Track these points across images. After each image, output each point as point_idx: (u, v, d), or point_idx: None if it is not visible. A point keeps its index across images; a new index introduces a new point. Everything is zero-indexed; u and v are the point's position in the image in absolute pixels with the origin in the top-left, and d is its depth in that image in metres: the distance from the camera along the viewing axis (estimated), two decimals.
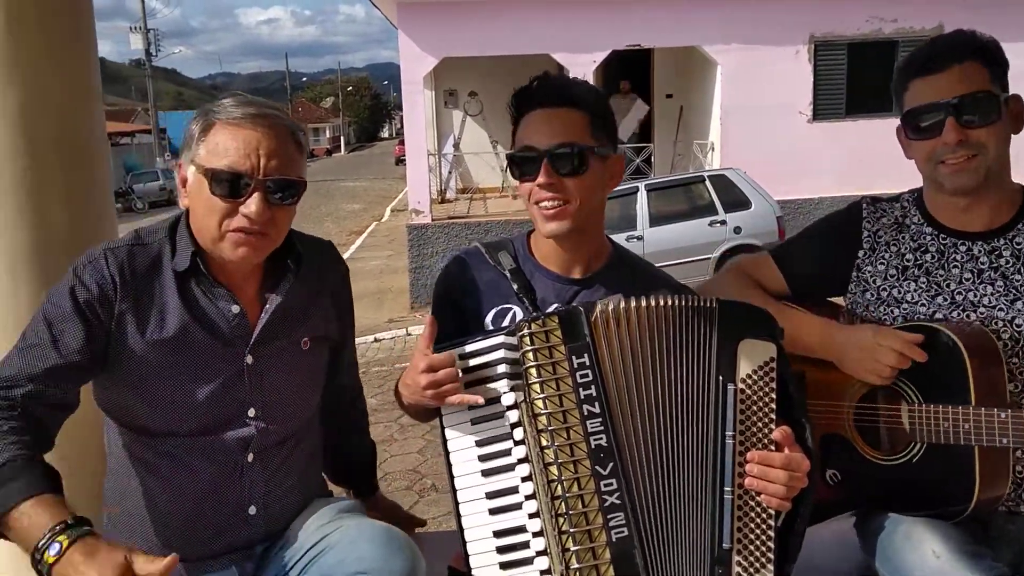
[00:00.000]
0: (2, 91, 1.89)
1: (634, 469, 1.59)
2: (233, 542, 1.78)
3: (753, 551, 1.58)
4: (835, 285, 2.05)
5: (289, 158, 1.69)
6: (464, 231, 14.31)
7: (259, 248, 1.70)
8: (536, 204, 1.79)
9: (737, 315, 1.63)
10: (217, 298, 1.74)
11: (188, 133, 1.70)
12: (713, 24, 14.41)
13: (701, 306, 1.62)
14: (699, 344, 1.61)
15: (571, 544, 1.56)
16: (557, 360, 1.60)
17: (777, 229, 11.58)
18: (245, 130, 1.65)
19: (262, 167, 1.64)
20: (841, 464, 1.95)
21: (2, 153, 1.90)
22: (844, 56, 15.08)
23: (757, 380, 1.60)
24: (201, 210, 1.68)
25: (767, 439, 1.59)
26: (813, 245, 2.09)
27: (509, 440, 1.64)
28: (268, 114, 1.68)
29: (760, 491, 1.58)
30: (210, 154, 1.65)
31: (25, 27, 1.90)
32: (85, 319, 1.62)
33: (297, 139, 1.72)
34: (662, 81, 17.22)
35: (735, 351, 1.61)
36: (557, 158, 1.74)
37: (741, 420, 1.60)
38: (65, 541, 1.38)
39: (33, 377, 1.56)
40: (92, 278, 1.64)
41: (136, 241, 1.72)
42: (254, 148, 1.64)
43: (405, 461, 6.74)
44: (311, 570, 1.74)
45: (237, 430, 1.75)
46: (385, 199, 30.09)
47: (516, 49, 14.31)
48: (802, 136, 14.90)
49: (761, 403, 1.60)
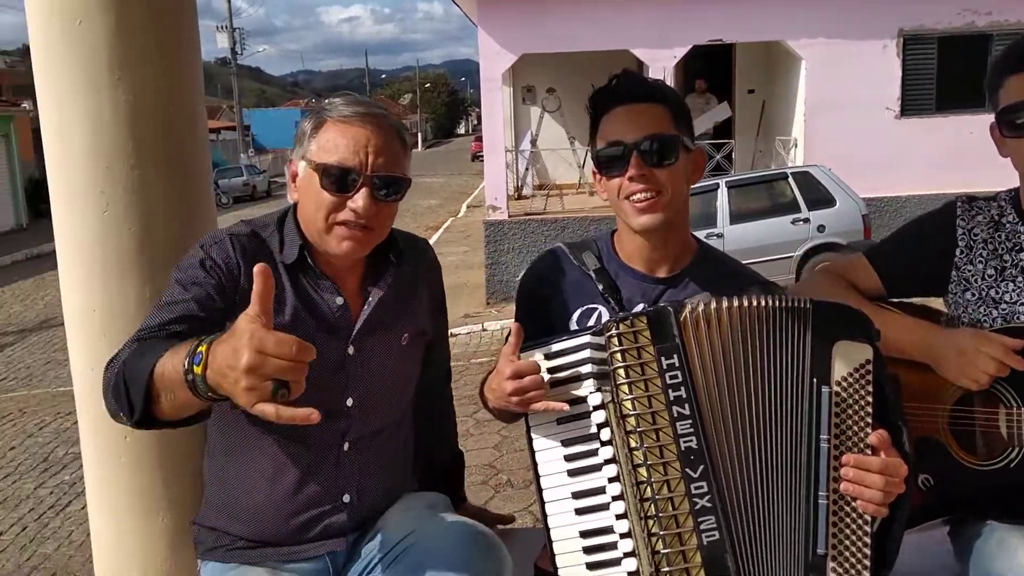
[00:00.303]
0: (111, 93, 1.94)
1: (724, 472, 1.56)
2: (327, 528, 1.81)
3: (848, 557, 1.54)
4: (932, 285, 1.99)
5: (395, 156, 1.74)
6: (540, 227, 14.32)
7: (364, 243, 1.74)
8: (627, 199, 1.77)
9: (832, 316, 1.59)
10: (323, 290, 1.79)
11: (300, 130, 1.77)
12: (797, 18, 14.14)
13: (795, 306, 1.58)
14: (793, 345, 1.57)
15: (661, 547, 1.54)
16: (646, 361, 1.58)
17: (863, 228, 11.30)
18: (355, 128, 1.70)
19: (370, 164, 1.69)
20: (935, 469, 1.90)
21: (112, 154, 1.96)
22: (934, 50, 14.64)
23: (853, 383, 1.56)
24: (310, 203, 1.73)
25: (863, 443, 1.55)
26: (908, 244, 2.04)
27: (595, 440, 1.63)
28: (376, 113, 1.73)
29: (856, 496, 1.54)
30: (321, 150, 1.71)
31: (134, 29, 1.95)
32: (216, 284, 1.68)
33: (402, 138, 1.77)
34: (744, 76, 16.97)
35: (830, 353, 1.57)
36: (646, 150, 1.73)
37: (836, 423, 1.56)
38: (203, 347, 1.33)
39: (174, 321, 1.62)
40: (219, 256, 1.71)
41: (253, 232, 1.78)
42: (363, 145, 1.69)
43: (481, 456, 6.78)
44: (399, 563, 1.76)
45: (336, 418, 1.79)
46: (461, 195, 30.28)
47: (595, 45, 14.25)
48: (889, 132, 14.51)
49: (857, 406, 1.56)
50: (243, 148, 44.93)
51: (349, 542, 1.85)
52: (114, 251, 1.99)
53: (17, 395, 10.17)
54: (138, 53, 1.96)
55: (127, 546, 2.12)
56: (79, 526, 6.17)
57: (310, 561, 1.82)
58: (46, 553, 5.82)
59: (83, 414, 2.12)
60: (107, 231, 1.99)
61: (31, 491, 6.94)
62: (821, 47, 14.29)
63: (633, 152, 1.73)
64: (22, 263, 21.01)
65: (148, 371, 1.42)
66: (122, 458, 2.07)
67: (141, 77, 1.97)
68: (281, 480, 1.78)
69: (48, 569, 5.61)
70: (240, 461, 1.80)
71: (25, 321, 14.62)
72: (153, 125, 2.00)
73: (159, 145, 2.02)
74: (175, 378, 1.37)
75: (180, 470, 2.05)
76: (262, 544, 1.80)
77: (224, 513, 1.82)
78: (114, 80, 1.94)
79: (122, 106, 1.96)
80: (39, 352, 12.37)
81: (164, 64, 2.02)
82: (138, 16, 1.96)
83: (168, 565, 2.12)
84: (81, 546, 5.86)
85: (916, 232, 2.04)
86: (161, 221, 2.03)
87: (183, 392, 1.37)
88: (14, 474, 7.35)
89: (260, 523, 1.79)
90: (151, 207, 2.01)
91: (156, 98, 2.00)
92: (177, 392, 1.39)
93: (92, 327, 2.02)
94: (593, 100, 1.83)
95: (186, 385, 1.35)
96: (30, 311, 15.42)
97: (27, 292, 17.29)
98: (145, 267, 2.01)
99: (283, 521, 1.79)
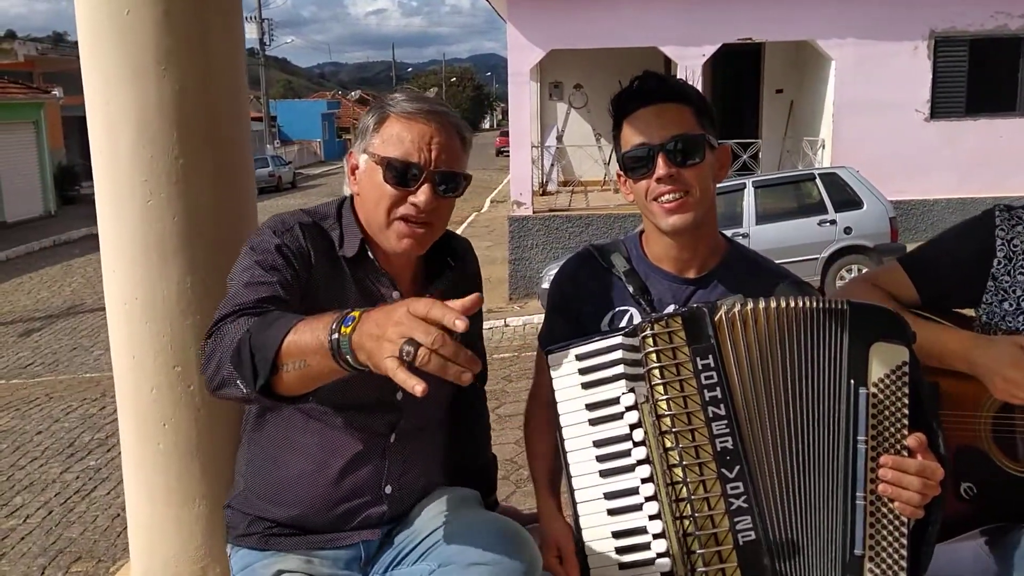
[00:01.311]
0: (158, 83, 1.96)
1: (760, 472, 1.56)
2: (367, 518, 1.83)
3: (885, 558, 1.54)
4: (968, 294, 1.97)
5: (456, 152, 1.76)
6: (565, 224, 14.31)
7: (422, 240, 1.76)
8: (655, 200, 1.76)
9: (869, 317, 1.59)
10: (381, 284, 1.81)
11: (363, 125, 1.79)
12: (828, 18, 14.05)
13: (832, 308, 1.58)
14: (830, 347, 1.57)
15: (697, 547, 1.54)
16: (681, 361, 1.57)
17: (890, 230, 11.21)
18: (419, 124, 1.72)
19: (432, 159, 1.71)
20: (977, 477, 1.88)
21: (157, 143, 1.98)
22: (966, 52, 14.51)
23: (890, 384, 1.56)
24: (372, 197, 1.75)
25: (900, 444, 1.55)
26: (945, 253, 2.01)
27: (628, 441, 1.62)
28: (439, 110, 1.75)
29: (894, 497, 1.54)
30: (384, 143, 1.73)
31: (180, 18, 1.97)
32: (293, 272, 1.69)
33: (463, 135, 1.79)
34: (772, 76, 16.86)
35: (867, 355, 1.56)
36: (672, 150, 1.73)
37: (873, 425, 1.55)
38: (357, 313, 1.34)
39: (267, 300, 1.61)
40: (293, 244, 1.72)
41: (315, 223, 1.79)
42: (427, 141, 1.71)
43: (502, 451, 6.79)
44: (430, 556, 1.78)
45: (386, 410, 1.81)
46: (485, 190, 30.29)
47: (624, 42, 14.21)
48: (918, 135, 14.40)
49: (894, 408, 1.56)
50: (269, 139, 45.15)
51: (383, 532, 1.87)
52: (156, 239, 2.02)
53: (44, 380, 10.29)
54: (184, 43, 1.98)
55: (163, 530, 2.15)
56: (104, 511, 6.24)
57: (344, 548, 1.84)
58: (71, 537, 5.89)
59: (123, 399, 2.14)
60: (150, 220, 2.01)
61: (57, 475, 7.02)
62: (851, 47, 14.19)
63: (659, 153, 1.73)
64: (50, 249, 21.23)
65: (280, 339, 1.42)
66: (160, 444, 2.09)
67: (186, 67, 1.99)
68: (329, 468, 1.80)
69: (73, 553, 5.67)
70: (290, 449, 1.82)
71: (52, 307, 14.78)
72: (197, 115, 2.02)
73: (203, 135, 2.04)
74: (313, 344, 1.37)
75: (218, 457, 2.07)
76: (301, 530, 1.82)
77: (266, 498, 1.84)
78: (160, 70, 1.97)
79: (167, 96, 1.98)
80: (66, 338, 12.51)
81: (209, 53, 2.04)
82: (184, 5, 1.98)
83: (203, 551, 2.14)
84: (106, 531, 5.92)
85: (953, 241, 2.02)
86: (204, 210, 2.05)
87: (318, 358, 1.37)
88: (40, 458, 7.43)
89: (303, 509, 1.81)
90: (194, 196, 2.03)
91: (201, 87, 2.02)
92: (310, 359, 1.39)
93: (134, 315, 2.05)
94: (616, 102, 1.83)
95: (328, 345, 1.35)
96: (57, 297, 15.59)
97: (54, 278, 17.47)
98: (187, 256, 2.03)
99: (327, 508, 1.81)
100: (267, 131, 45.72)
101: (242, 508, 1.87)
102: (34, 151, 25.99)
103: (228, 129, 2.09)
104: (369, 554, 1.86)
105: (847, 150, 13.95)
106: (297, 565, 1.80)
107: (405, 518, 1.89)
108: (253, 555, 1.83)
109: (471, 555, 1.70)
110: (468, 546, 1.72)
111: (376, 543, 1.87)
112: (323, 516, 1.81)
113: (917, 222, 14.55)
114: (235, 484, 1.91)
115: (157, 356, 2.05)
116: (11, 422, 8.54)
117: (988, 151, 14.09)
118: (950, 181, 14.22)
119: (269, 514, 1.83)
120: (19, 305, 15.10)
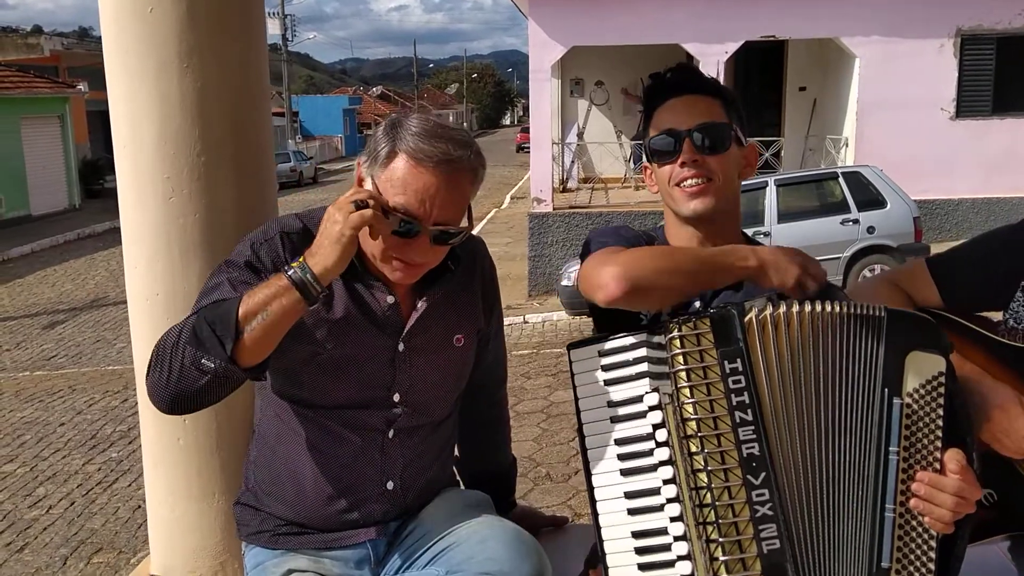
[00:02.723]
0: (180, 80, 1.96)
1: (788, 480, 1.52)
2: (370, 514, 1.84)
3: (913, 572, 1.52)
4: (995, 301, 1.94)
5: (460, 203, 1.72)
6: (585, 220, 14.28)
7: (416, 275, 1.76)
8: (677, 185, 1.76)
9: (906, 325, 1.56)
10: (374, 289, 1.80)
11: (374, 144, 1.73)
12: (852, 15, 13.93)
13: (868, 314, 1.54)
14: (865, 355, 1.54)
15: (720, 554, 1.51)
16: (708, 364, 1.54)
17: (914, 230, 11.12)
18: (426, 175, 1.66)
19: (433, 216, 1.68)
20: (998, 484, 1.85)
21: (178, 141, 1.99)
22: (992, 50, 14.36)
23: (925, 395, 1.53)
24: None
25: (932, 457, 1.53)
26: (976, 258, 1.98)
27: (651, 441, 1.59)
28: (451, 158, 1.68)
29: (924, 513, 1.52)
30: (388, 181, 1.68)
31: (203, 16, 1.97)
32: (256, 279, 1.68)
33: (474, 178, 1.75)
34: (795, 73, 16.75)
35: (903, 364, 1.53)
36: (699, 136, 1.73)
37: (906, 436, 1.52)
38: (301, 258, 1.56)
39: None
40: (268, 256, 1.72)
41: (305, 228, 1.78)
42: (431, 196, 1.66)
43: (520, 449, 6.78)
44: (439, 561, 1.78)
45: (383, 408, 1.82)
46: (505, 186, 30.29)
47: (646, 39, 14.17)
48: (944, 134, 14.27)
49: (928, 419, 1.53)
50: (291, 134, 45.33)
51: (390, 531, 1.87)
52: (178, 236, 2.02)
53: (67, 372, 10.40)
54: (206, 40, 1.99)
55: (182, 525, 2.16)
56: (125, 503, 6.30)
57: (351, 549, 1.84)
58: (93, 528, 5.95)
59: (143, 395, 2.15)
60: (172, 216, 2.02)
61: (79, 467, 7.09)
62: (876, 45, 14.07)
63: (686, 139, 1.73)
64: (74, 243, 21.43)
65: (236, 305, 1.53)
66: (180, 440, 2.10)
67: (208, 64, 1.99)
68: (327, 463, 1.81)
69: (95, 544, 5.73)
70: (290, 444, 1.83)
71: (76, 300, 14.92)
72: (219, 112, 2.03)
73: (224, 132, 2.04)
74: (271, 293, 1.53)
75: (237, 453, 2.07)
76: (305, 528, 1.83)
77: (270, 495, 1.85)
78: (183, 67, 1.97)
79: (189, 93, 1.99)
80: (89, 330, 12.63)
81: (231, 51, 2.04)
82: (207, 3, 1.99)
83: (222, 546, 2.15)
84: (127, 523, 5.98)
85: (985, 248, 1.98)
86: (225, 207, 2.06)
87: (280, 301, 1.52)
88: (63, 450, 7.51)
89: (303, 505, 1.82)
90: (215, 193, 2.04)
91: (223, 85, 2.03)
92: (272, 306, 1.52)
93: (155, 311, 2.06)
94: (648, 92, 1.83)
95: (290, 282, 1.52)
96: (81, 290, 15.74)
97: (79, 271, 17.64)
98: (208, 253, 2.03)
99: (326, 503, 1.81)
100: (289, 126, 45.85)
101: (251, 504, 1.88)
102: (59, 145, 26.22)
103: (249, 126, 2.09)
104: (378, 555, 1.86)
105: (871, 149, 13.84)
106: (307, 564, 1.81)
107: (415, 519, 1.89)
108: (264, 553, 1.85)
109: (479, 563, 1.71)
110: (476, 553, 1.73)
111: (384, 543, 1.87)
112: (324, 511, 1.82)
113: (942, 222, 14.42)
114: (244, 480, 1.93)
115: None
116: (35, 413, 8.64)
117: (1015, 150, 13.94)
118: (975, 181, 14.08)
119: (275, 511, 1.84)
120: (43, 297, 15.26)
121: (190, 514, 2.14)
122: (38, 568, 5.46)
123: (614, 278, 1.59)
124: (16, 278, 17.10)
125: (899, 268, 2.08)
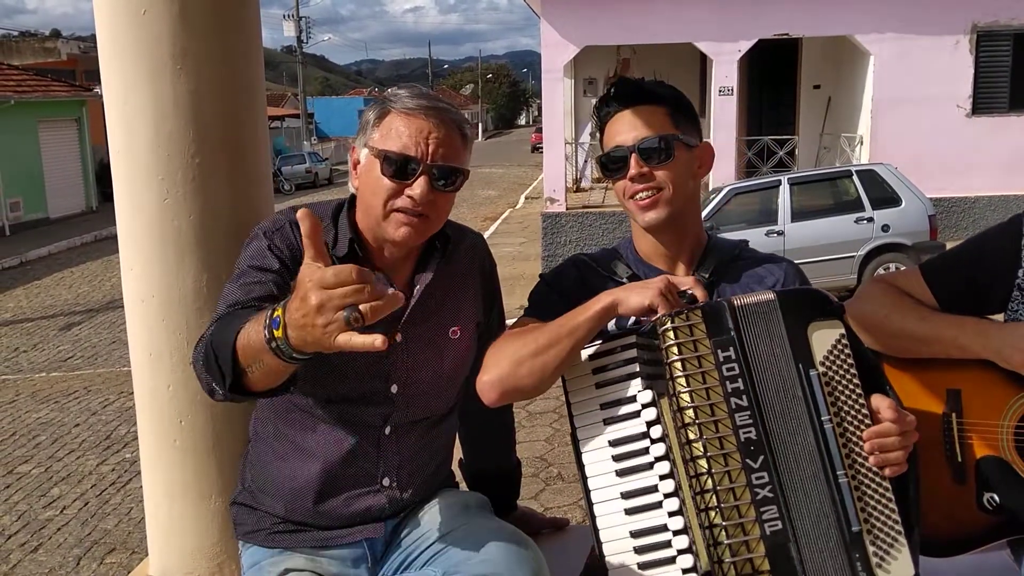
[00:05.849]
0: (173, 82, 1.97)
1: (786, 462, 1.57)
2: (366, 511, 1.85)
3: (881, 527, 1.56)
4: (989, 303, 1.93)
5: (454, 148, 1.78)
6: (598, 220, 14.28)
7: (420, 230, 1.78)
8: (631, 198, 1.84)
9: (798, 302, 1.63)
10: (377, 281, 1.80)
11: (364, 119, 1.82)
12: (867, 12, 13.86)
13: (760, 300, 1.62)
14: (776, 336, 1.60)
15: (724, 537, 1.54)
16: (703, 354, 1.59)
17: (929, 228, 11.01)
18: (418, 119, 1.75)
19: (429, 153, 1.74)
20: (1001, 488, 1.85)
21: (172, 143, 2.00)
22: (1009, 47, 14.27)
23: (835, 360, 1.60)
24: (370, 189, 1.77)
25: (860, 414, 1.58)
26: (966, 262, 1.97)
27: (646, 439, 1.63)
28: (439, 107, 1.78)
29: (883, 464, 1.57)
30: (383, 138, 1.76)
31: (196, 18, 1.98)
32: (285, 264, 1.74)
33: (463, 132, 1.82)
34: (809, 71, 16.68)
35: (806, 337, 1.60)
36: (644, 150, 1.80)
37: (832, 402, 1.58)
38: (279, 310, 1.36)
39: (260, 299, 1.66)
40: (283, 243, 1.77)
41: None
42: (424, 136, 1.74)
43: (532, 449, 6.78)
44: (436, 562, 1.80)
45: (379, 403, 1.83)
46: (520, 186, 30.30)
47: (659, 38, 14.15)
48: (959, 131, 14.17)
49: (845, 380, 1.59)
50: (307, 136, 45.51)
51: (387, 529, 1.88)
52: (173, 238, 2.03)
53: (83, 373, 10.48)
54: (200, 42, 1.99)
55: (180, 526, 2.17)
56: (138, 503, 6.33)
57: (348, 547, 1.85)
58: (106, 528, 5.99)
59: (140, 397, 2.17)
60: (167, 218, 2.02)
61: (94, 467, 7.15)
62: (891, 42, 13.99)
63: (632, 154, 1.80)
64: (91, 244, 21.61)
65: (232, 340, 1.47)
66: (176, 441, 2.11)
67: (202, 66, 2.00)
68: (323, 460, 1.82)
69: (108, 544, 5.77)
70: (287, 443, 1.84)
71: (92, 301, 15.04)
72: (213, 114, 2.03)
73: (219, 134, 2.05)
74: (260, 346, 1.40)
75: (234, 454, 2.08)
76: (301, 526, 1.84)
77: (266, 493, 1.86)
78: (176, 69, 1.98)
79: (183, 95, 1.99)
80: (105, 332, 12.72)
81: (225, 53, 2.05)
82: (201, 4, 1.99)
83: (219, 547, 2.16)
84: (140, 523, 6.01)
85: (976, 250, 1.98)
86: (220, 209, 2.06)
87: (270, 357, 1.40)
88: (78, 450, 7.57)
89: (299, 502, 1.83)
90: (210, 195, 2.04)
91: (217, 87, 2.03)
92: (264, 358, 1.42)
93: (150, 313, 2.06)
94: (596, 108, 1.92)
95: (271, 351, 1.38)
96: (97, 291, 15.86)
97: (95, 273, 17.78)
98: (203, 255, 2.04)
99: (321, 500, 1.82)
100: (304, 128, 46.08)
101: (247, 503, 1.89)
102: (76, 148, 26.45)
103: (245, 127, 2.10)
104: (376, 554, 1.87)
105: (886, 146, 13.76)
106: (304, 563, 1.81)
107: (410, 518, 1.90)
108: (261, 552, 1.85)
109: (476, 564, 1.72)
110: (473, 554, 1.74)
111: (382, 542, 1.87)
112: (320, 508, 1.82)
113: (958, 220, 14.32)
114: (240, 479, 1.93)
115: (173, 353, 2.06)
116: (50, 414, 8.71)
117: None
118: (992, 178, 13.98)
119: (271, 509, 1.85)
120: (60, 299, 15.39)
121: (187, 515, 2.15)
122: (52, 568, 5.50)
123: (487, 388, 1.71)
124: (34, 280, 17.26)
125: (896, 272, 2.10)
